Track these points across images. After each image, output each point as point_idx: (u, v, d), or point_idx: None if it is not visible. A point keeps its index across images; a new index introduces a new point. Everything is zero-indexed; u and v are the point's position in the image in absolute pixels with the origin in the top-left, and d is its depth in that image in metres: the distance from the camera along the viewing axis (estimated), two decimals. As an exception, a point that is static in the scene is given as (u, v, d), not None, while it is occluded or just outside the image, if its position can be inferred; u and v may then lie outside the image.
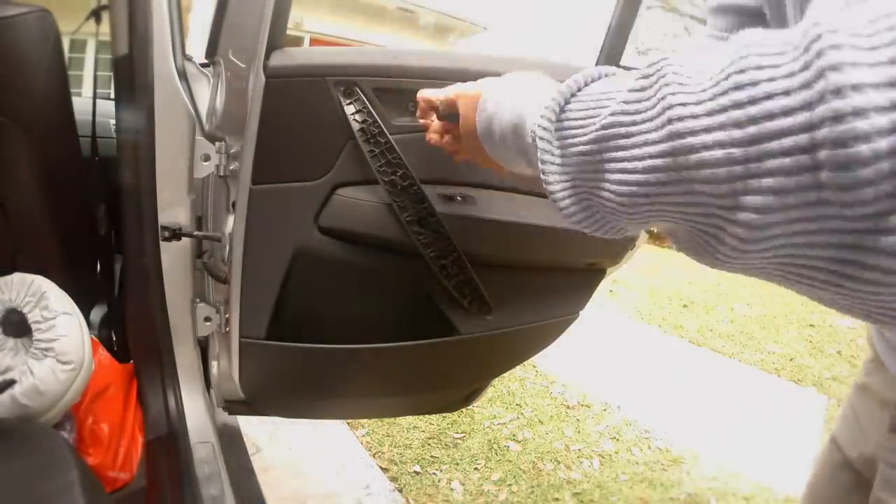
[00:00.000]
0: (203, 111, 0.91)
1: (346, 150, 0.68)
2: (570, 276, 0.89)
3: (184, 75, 0.89)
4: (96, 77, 1.24)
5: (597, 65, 0.40)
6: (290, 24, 0.69)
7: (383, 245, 0.73)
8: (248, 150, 0.68)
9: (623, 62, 0.83)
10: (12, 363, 0.83)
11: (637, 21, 0.81)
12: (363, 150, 0.66)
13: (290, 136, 0.68)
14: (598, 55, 0.83)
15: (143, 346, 1.05)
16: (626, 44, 0.82)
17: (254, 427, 1.68)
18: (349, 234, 0.72)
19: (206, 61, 0.98)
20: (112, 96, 1.13)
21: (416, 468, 1.68)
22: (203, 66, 0.98)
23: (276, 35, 0.65)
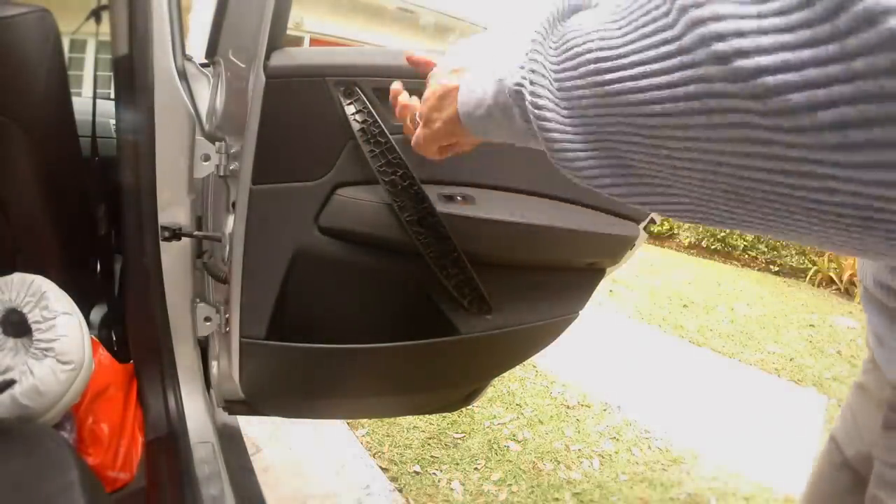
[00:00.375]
0: (203, 111, 0.91)
1: (346, 150, 0.69)
2: (570, 275, 0.89)
3: (184, 75, 0.89)
4: (96, 77, 1.24)
5: None
6: (290, 24, 0.69)
7: (383, 245, 0.73)
8: (248, 150, 0.68)
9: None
10: (12, 363, 0.83)
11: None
12: (363, 150, 0.66)
13: (291, 136, 0.68)
14: None
15: (143, 346, 1.05)
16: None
17: (254, 427, 1.68)
18: (349, 234, 0.72)
19: (206, 61, 0.98)
20: (112, 96, 1.13)
21: (416, 468, 1.68)
22: (203, 66, 0.98)
23: (276, 35, 0.65)
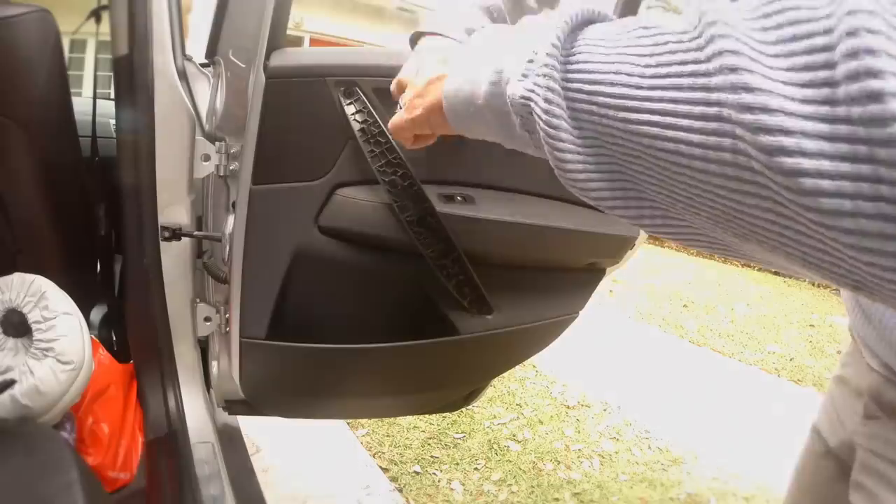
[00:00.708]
0: (203, 111, 0.91)
1: (346, 150, 0.68)
2: (570, 275, 0.89)
3: (184, 75, 0.89)
4: (96, 77, 1.24)
5: None
6: (290, 24, 0.69)
7: (383, 245, 0.72)
8: (248, 150, 0.68)
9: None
10: (12, 363, 0.83)
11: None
12: (363, 150, 0.66)
13: (291, 136, 0.68)
14: None
15: (143, 346, 1.05)
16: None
17: (254, 427, 1.68)
18: (349, 234, 0.72)
19: (206, 61, 0.98)
20: (112, 96, 1.13)
21: (416, 468, 1.68)
22: (203, 66, 0.98)
23: (276, 35, 0.65)
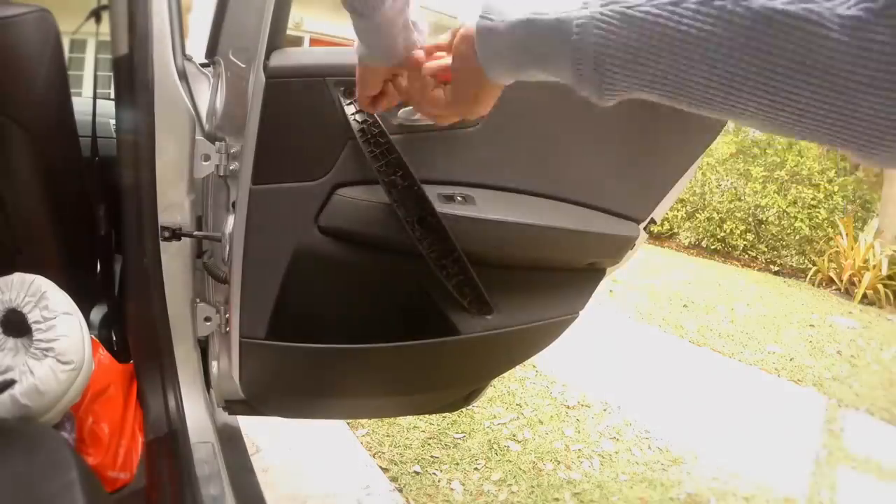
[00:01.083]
0: (203, 111, 0.91)
1: (346, 150, 0.68)
2: (570, 275, 0.89)
3: (184, 75, 0.89)
4: (96, 77, 1.24)
5: None
6: (290, 24, 0.69)
7: (383, 245, 0.73)
8: (248, 150, 0.68)
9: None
10: (12, 363, 0.83)
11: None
12: (363, 150, 0.66)
13: (291, 136, 0.68)
14: None
15: (143, 346, 1.05)
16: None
17: (254, 427, 1.67)
18: (349, 234, 0.72)
19: (206, 61, 0.98)
20: (112, 96, 1.13)
21: (416, 468, 1.68)
22: (203, 66, 0.98)
23: (276, 35, 0.65)
